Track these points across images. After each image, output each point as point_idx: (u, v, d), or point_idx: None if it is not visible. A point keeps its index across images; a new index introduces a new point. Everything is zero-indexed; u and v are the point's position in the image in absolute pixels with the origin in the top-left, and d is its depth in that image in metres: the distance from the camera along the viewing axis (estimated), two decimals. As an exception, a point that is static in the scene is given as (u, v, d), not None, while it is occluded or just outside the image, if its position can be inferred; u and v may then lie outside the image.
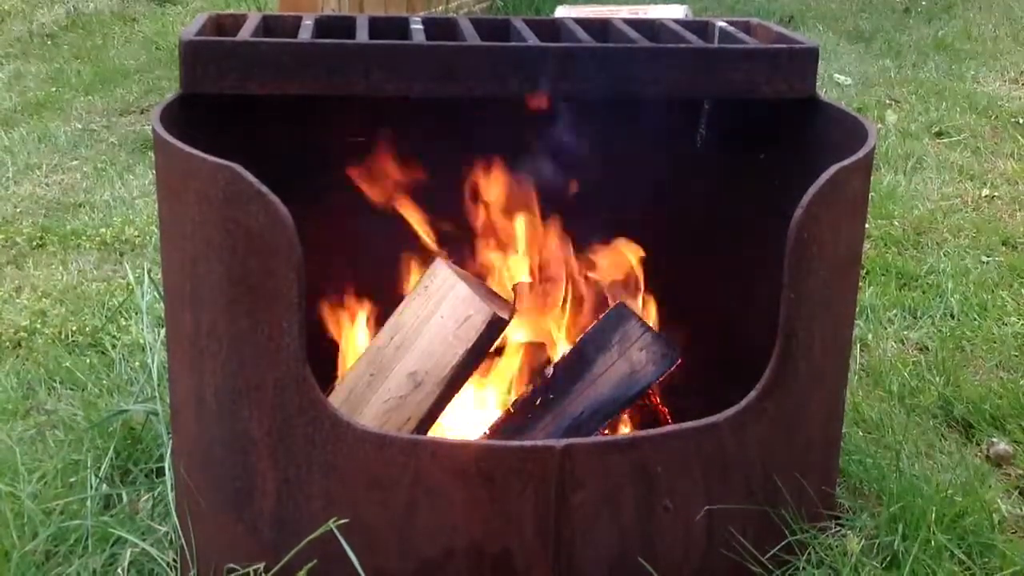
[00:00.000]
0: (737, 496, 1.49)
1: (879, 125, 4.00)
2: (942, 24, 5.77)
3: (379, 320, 1.80)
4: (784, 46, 1.65)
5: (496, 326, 1.62)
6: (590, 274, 1.84)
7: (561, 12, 3.41)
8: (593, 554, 1.44)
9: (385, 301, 1.80)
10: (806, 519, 1.56)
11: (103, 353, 2.26)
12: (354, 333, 1.83)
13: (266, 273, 1.35)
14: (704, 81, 1.60)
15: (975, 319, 2.53)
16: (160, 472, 1.74)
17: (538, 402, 1.67)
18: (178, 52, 1.52)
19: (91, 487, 1.71)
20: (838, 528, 1.64)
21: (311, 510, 1.41)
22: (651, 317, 1.82)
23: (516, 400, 1.71)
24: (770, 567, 1.52)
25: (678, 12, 3.35)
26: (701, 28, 1.80)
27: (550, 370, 1.69)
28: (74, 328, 2.39)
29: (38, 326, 2.41)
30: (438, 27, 1.72)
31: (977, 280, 2.73)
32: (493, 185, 1.84)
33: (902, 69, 4.88)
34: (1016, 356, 2.37)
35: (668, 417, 1.76)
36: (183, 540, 1.52)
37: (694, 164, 1.91)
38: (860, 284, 2.07)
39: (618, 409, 1.65)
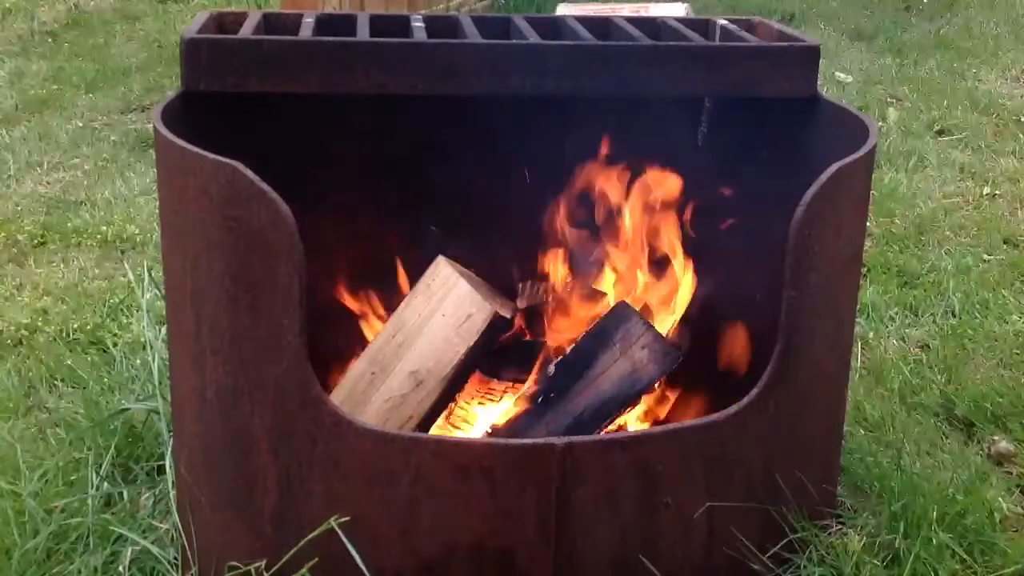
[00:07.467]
0: (738, 494, 1.49)
1: (880, 123, 4.00)
2: (943, 22, 5.76)
3: (381, 318, 1.80)
4: (786, 44, 1.65)
5: (498, 324, 1.62)
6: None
7: (562, 10, 3.42)
8: (594, 551, 1.44)
9: (387, 299, 1.80)
10: (807, 517, 1.56)
11: (104, 351, 2.26)
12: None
13: (267, 271, 1.35)
14: (705, 79, 1.60)
15: (976, 317, 2.53)
16: (161, 470, 1.74)
17: (540, 400, 1.67)
18: (179, 50, 1.52)
19: (92, 485, 1.71)
20: (839, 526, 1.64)
21: (312, 508, 1.41)
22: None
23: (518, 398, 1.71)
24: (771, 565, 1.52)
25: (679, 10, 3.36)
26: (702, 26, 1.80)
27: (552, 368, 1.69)
28: (75, 326, 2.39)
29: (39, 324, 2.41)
30: (439, 25, 1.72)
31: (978, 278, 2.73)
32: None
33: (903, 67, 4.88)
34: (1017, 354, 2.36)
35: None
36: (184, 538, 1.52)
37: (695, 162, 1.90)
38: (861, 282, 2.07)
39: (620, 407, 1.65)
